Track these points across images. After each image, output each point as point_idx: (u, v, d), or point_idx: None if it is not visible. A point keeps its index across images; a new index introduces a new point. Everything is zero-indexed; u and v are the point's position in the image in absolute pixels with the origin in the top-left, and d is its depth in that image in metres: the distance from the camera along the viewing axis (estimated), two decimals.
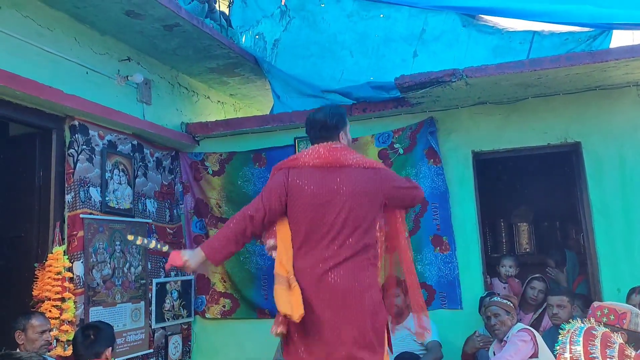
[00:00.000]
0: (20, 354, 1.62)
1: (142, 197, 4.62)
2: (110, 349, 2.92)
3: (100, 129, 4.20)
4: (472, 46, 4.63)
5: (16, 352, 1.65)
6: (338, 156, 2.85)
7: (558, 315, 3.83)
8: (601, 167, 4.32)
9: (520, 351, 3.44)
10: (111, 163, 4.26)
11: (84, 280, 3.87)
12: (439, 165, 4.59)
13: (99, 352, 2.86)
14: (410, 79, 4.09)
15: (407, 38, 4.83)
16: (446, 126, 4.64)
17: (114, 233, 4.21)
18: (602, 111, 4.35)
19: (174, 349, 4.77)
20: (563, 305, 3.86)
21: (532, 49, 4.46)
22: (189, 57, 4.87)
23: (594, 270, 4.34)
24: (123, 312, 4.23)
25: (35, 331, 3.23)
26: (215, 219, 5.09)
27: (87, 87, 4.07)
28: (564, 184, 5.23)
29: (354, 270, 2.72)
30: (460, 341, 4.07)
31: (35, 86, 3.56)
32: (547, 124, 4.45)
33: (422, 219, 4.59)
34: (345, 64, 4.94)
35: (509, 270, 4.89)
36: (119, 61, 4.43)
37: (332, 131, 2.93)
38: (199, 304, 5.10)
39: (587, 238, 4.46)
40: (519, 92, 4.36)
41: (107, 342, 2.95)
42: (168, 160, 5.03)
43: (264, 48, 5.33)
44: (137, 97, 4.63)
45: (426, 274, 4.53)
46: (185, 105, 5.31)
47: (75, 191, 3.92)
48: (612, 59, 3.73)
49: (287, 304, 2.64)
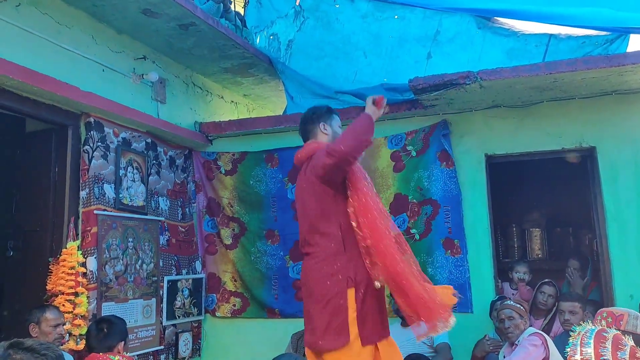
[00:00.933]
0: (31, 342, 1.62)
1: (155, 195, 4.66)
2: (122, 342, 2.95)
3: (115, 127, 4.24)
4: (487, 48, 4.61)
5: (27, 340, 1.64)
6: (299, 155, 3.08)
7: (570, 322, 3.79)
8: (616, 173, 4.28)
9: (531, 355, 3.41)
10: (125, 160, 4.31)
11: (97, 275, 3.91)
12: (452, 168, 4.57)
13: (112, 346, 2.88)
14: (424, 81, 4.08)
15: (421, 39, 4.82)
16: (459, 129, 4.62)
17: (127, 230, 4.25)
18: (617, 116, 4.32)
19: (184, 347, 4.80)
20: (575, 312, 3.83)
21: (548, 52, 4.43)
22: (203, 57, 4.90)
23: (607, 277, 4.30)
24: (135, 308, 4.27)
25: (49, 324, 3.27)
26: (227, 219, 5.11)
27: (103, 85, 4.12)
28: (577, 189, 5.18)
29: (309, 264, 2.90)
30: (470, 345, 4.05)
31: (52, 83, 3.61)
32: (562, 129, 4.42)
33: (433, 221, 4.58)
34: (359, 65, 4.94)
35: (523, 276, 4.85)
36: (134, 59, 4.48)
37: (308, 125, 3.12)
38: (210, 303, 5.12)
39: (600, 244, 4.41)
40: (533, 96, 4.33)
41: (120, 336, 2.98)
42: (181, 159, 5.07)
43: (278, 48, 5.35)
44: (152, 96, 4.67)
45: (437, 276, 4.51)
46: (199, 104, 5.34)
47: (89, 187, 3.97)
48: (629, 63, 3.70)
49: None
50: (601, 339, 1.64)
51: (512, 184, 5.59)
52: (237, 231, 5.09)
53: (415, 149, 4.66)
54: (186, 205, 5.08)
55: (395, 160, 4.67)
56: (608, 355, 1.60)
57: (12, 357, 1.55)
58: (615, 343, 1.63)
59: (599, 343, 1.64)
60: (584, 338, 1.68)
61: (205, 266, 5.16)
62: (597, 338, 1.66)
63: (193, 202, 5.18)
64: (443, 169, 4.59)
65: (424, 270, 4.50)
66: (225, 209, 5.13)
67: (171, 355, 4.67)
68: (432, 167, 4.61)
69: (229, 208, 5.12)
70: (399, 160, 4.67)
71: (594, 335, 1.68)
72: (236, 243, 5.08)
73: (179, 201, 4.98)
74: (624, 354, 1.59)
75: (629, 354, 1.59)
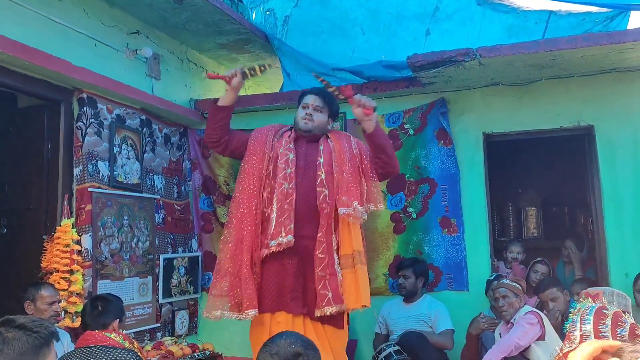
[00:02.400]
0: (23, 320, 1.59)
1: (150, 173, 4.62)
2: (117, 320, 2.94)
3: (108, 103, 4.18)
4: (486, 25, 4.55)
5: (19, 317, 1.62)
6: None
7: (556, 309, 3.77)
8: (614, 151, 4.26)
9: (527, 333, 3.43)
10: (119, 137, 4.25)
11: (92, 253, 3.88)
12: (450, 146, 4.55)
13: (106, 323, 2.87)
14: (423, 58, 4.02)
15: (420, 16, 4.75)
16: (458, 107, 4.58)
17: (122, 208, 4.22)
18: (617, 94, 4.28)
19: (180, 324, 4.80)
20: (556, 297, 3.80)
21: (547, 29, 4.37)
22: (198, 32, 4.82)
23: (602, 255, 4.31)
24: (131, 286, 4.26)
25: (45, 302, 3.26)
26: (223, 197, 5.08)
27: (96, 60, 4.04)
28: (574, 168, 5.17)
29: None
30: (466, 322, 4.07)
31: (44, 57, 3.54)
32: (561, 107, 4.39)
33: (430, 200, 4.57)
34: (357, 42, 4.87)
35: (516, 256, 4.87)
36: (127, 34, 4.40)
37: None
38: (206, 281, 5.11)
39: (596, 223, 4.42)
40: (532, 74, 4.29)
41: (115, 313, 2.97)
42: (176, 136, 5.01)
43: (274, 24, 5.26)
44: (146, 72, 4.60)
45: (433, 255, 4.52)
46: (194, 81, 5.27)
47: (83, 164, 3.92)
48: (629, 40, 3.66)
49: None
50: (601, 316, 1.64)
51: (508, 162, 5.58)
52: None
53: (413, 127, 4.62)
54: (182, 184, 5.05)
55: (393, 138, 4.63)
56: (607, 332, 1.60)
57: (4, 335, 1.54)
58: (615, 320, 1.62)
59: (598, 320, 1.63)
60: (584, 315, 1.67)
61: (202, 244, 5.14)
62: (597, 315, 1.66)
63: (189, 180, 5.14)
64: (441, 148, 4.56)
65: (421, 249, 4.54)
66: (221, 187, 5.09)
67: (168, 333, 4.68)
68: (429, 145, 4.58)
69: (225, 186, 5.08)
70: (397, 138, 4.63)
71: (594, 312, 1.68)
72: None
73: (175, 179, 4.94)
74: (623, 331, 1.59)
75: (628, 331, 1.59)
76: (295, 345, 1.70)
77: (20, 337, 1.54)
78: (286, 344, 1.71)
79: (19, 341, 1.53)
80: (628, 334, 1.57)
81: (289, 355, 1.69)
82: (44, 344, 1.58)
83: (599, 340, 1.25)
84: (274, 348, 1.71)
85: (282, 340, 1.73)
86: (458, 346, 4.08)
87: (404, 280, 4.22)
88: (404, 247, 4.59)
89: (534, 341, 3.42)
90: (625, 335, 1.57)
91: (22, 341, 1.53)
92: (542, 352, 3.36)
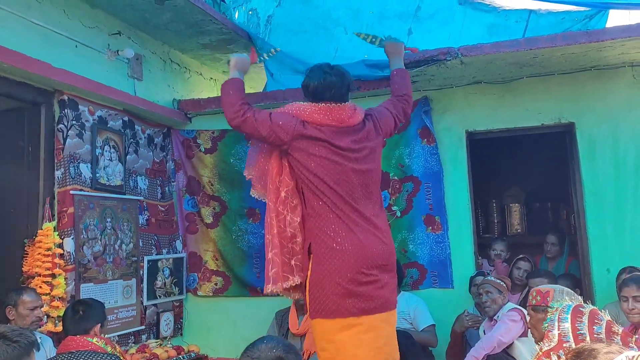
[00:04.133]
0: (3, 329, 1.59)
1: (133, 174, 4.59)
2: (99, 325, 2.91)
3: (90, 105, 4.14)
4: (468, 24, 4.57)
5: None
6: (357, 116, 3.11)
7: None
8: (594, 148, 4.32)
9: (511, 330, 3.47)
10: (102, 139, 4.22)
11: (75, 256, 3.85)
12: (433, 145, 4.57)
13: (88, 329, 2.84)
14: (405, 57, 4.03)
15: (402, 15, 4.76)
16: (440, 106, 4.61)
17: (105, 210, 4.18)
18: (596, 92, 4.34)
19: (165, 326, 4.78)
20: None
21: (528, 28, 4.42)
22: (180, 33, 4.79)
23: (584, 251, 4.36)
24: (114, 289, 4.23)
25: (27, 307, 3.22)
26: (208, 197, 5.07)
27: (77, 61, 4.00)
28: (556, 164, 5.23)
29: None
30: (451, 320, 4.10)
31: (23, 59, 3.49)
32: (542, 104, 4.43)
33: (414, 198, 4.59)
34: (340, 41, 4.87)
35: (499, 253, 4.92)
36: (109, 35, 4.36)
37: (348, 91, 3.13)
38: (191, 282, 5.10)
39: (578, 219, 4.47)
40: (514, 72, 4.33)
41: (97, 318, 2.94)
42: (160, 137, 4.98)
43: (257, 24, 5.25)
44: (128, 73, 4.56)
45: (418, 253, 4.54)
46: (177, 81, 5.24)
47: (65, 167, 3.88)
48: (608, 38, 3.71)
49: None
50: (578, 314, 1.66)
51: (491, 159, 5.63)
52: (217, 210, 5.05)
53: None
54: (165, 185, 5.02)
55: None
56: (585, 330, 1.62)
57: None
58: (592, 318, 1.64)
59: (575, 318, 1.66)
60: (561, 313, 1.70)
61: (186, 245, 5.12)
62: (574, 313, 1.68)
63: (172, 181, 5.12)
64: (424, 146, 4.58)
65: (405, 247, 4.56)
66: (205, 188, 5.08)
67: (153, 335, 4.66)
68: (413, 143, 4.60)
69: (209, 186, 5.07)
70: None
71: (571, 310, 1.70)
72: (217, 222, 5.05)
73: (158, 180, 4.91)
74: (600, 329, 1.61)
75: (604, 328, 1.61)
76: (277, 349, 1.71)
77: (0, 346, 1.56)
78: (267, 348, 1.71)
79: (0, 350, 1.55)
80: (604, 331, 1.60)
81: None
82: (23, 353, 1.61)
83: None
84: (255, 352, 1.71)
85: (264, 344, 1.73)
86: (443, 344, 4.11)
87: None
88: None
89: (517, 338, 3.47)
90: (602, 333, 1.59)
91: (1, 350, 1.56)
92: (525, 349, 3.41)
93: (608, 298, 3.96)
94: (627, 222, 4.20)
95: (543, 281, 3.89)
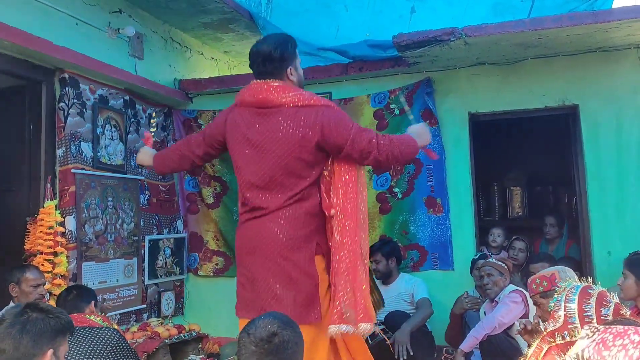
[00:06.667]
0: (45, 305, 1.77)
1: (135, 154, 4.55)
2: (93, 302, 2.96)
3: (91, 83, 4.11)
4: (472, 3, 4.52)
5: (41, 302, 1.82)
6: (273, 96, 2.63)
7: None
8: (598, 131, 4.29)
9: (512, 312, 3.48)
10: (103, 118, 4.19)
11: (76, 235, 3.85)
12: (436, 126, 4.53)
13: (83, 307, 2.89)
14: (409, 38, 3.99)
15: None
16: (443, 87, 4.57)
17: (106, 189, 4.17)
18: (601, 74, 4.29)
19: (166, 305, 4.80)
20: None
21: (533, 8, 4.36)
22: (182, 11, 4.73)
23: (586, 234, 4.36)
24: (116, 267, 4.23)
25: (29, 284, 3.23)
26: (209, 178, 5.05)
27: (78, 39, 3.96)
28: (558, 147, 5.21)
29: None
30: (451, 301, 4.11)
31: (23, 36, 3.46)
32: (546, 86, 4.39)
33: (416, 180, 4.58)
34: (341, 20, 4.81)
35: (496, 238, 4.93)
36: (110, 13, 4.30)
37: (273, 64, 2.65)
38: (192, 262, 5.11)
39: (580, 202, 4.46)
40: (518, 53, 4.28)
41: (89, 298, 2.98)
42: (161, 117, 4.95)
43: (258, 3, 5.18)
44: (129, 52, 4.52)
45: (419, 235, 4.55)
46: (178, 61, 5.19)
47: (66, 146, 3.86)
48: (614, 19, 3.66)
49: None
50: (585, 296, 1.66)
51: (493, 142, 5.61)
52: (219, 190, 5.04)
53: (399, 107, 4.60)
54: None
55: (378, 118, 4.62)
56: (591, 312, 1.62)
57: (28, 314, 1.70)
58: (600, 300, 1.64)
59: (582, 299, 1.65)
60: (569, 294, 1.69)
61: (187, 225, 5.12)
62: (582, 294, 1.67)
63: None
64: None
65: (406, 229, 4.56)
66: (206, 168, 5.06)
67: (154, 314, 4.68)
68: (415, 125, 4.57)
69: (210, 167, 5.05)
70: (382, 118, 4.62)
71: (579, 291, 1.69)
72: (218, 202, 5.04)
73: None
74: (607, 311, 1.61)
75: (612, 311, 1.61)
76: (272, 325, 1.73)
77: (43, 319, 1.70)
78: (263, 324, 1.74)
79: (42, 322, 1.69)
80: (612, 313, 1.60)
81: (264, 335, 1.72)
82: (61, 330, 1.73)
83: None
84: (252, 328, 1.74)
85: (261, 320, 1.76)
86: (442, 325, 4.13)
87: (376, 265, 4.24)
88: (390, 227, 4.61)
89: (518, 319, 3.48)
90: (610, 315, 1.59)
91: (44, 322, 1.69)
92: None
93: (609, 280, 3.94)
94: (629, 206, 4.19)
95: (544, 265, 3.85)
